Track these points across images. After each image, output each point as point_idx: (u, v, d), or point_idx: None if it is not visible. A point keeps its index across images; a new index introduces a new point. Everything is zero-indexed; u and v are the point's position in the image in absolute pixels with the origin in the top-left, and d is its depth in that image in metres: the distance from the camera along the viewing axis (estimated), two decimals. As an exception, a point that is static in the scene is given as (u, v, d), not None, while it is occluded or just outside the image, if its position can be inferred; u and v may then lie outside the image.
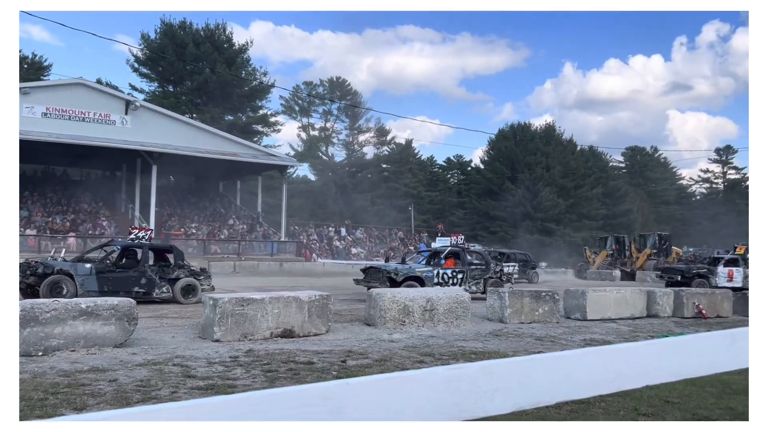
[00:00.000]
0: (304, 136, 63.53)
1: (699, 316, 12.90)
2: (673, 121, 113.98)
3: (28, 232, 27.59)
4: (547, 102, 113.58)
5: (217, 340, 8.10)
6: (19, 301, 7.46)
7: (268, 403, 1.47)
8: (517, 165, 54.93)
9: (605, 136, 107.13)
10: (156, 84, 49.71)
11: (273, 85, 52.69)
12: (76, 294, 12.06)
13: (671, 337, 2.30)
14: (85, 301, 7.40)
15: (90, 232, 29.50)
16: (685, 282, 20.59)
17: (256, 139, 47.55)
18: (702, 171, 79.36)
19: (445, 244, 21.44)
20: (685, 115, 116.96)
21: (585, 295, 11.96)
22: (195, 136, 33.33)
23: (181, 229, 32.26)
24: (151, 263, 13.96)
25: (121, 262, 13.72)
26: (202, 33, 48.60)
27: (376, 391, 1.58)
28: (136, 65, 49.09)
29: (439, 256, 17.12)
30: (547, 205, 53.77)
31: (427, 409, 1.63)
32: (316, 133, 64.19)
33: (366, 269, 16.52)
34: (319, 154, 61.99)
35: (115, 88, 38.16)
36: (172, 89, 48.47)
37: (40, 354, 6.80)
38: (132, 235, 14.20)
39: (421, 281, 15.21)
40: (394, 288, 12.78)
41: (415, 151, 68.95)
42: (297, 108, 63.13)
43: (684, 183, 78.24)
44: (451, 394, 1.68)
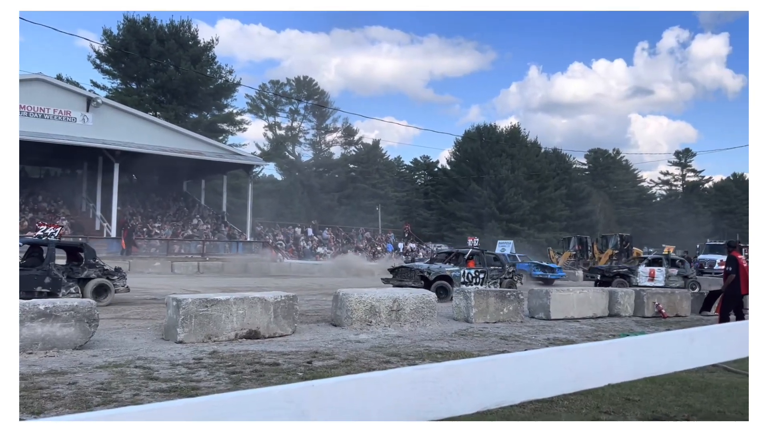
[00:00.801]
0: (270, 135, 63.08)
1: (659, 315, 13.21)
2: (634, 124, 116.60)
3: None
4: (513, 104, 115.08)
5: (180, 342, 7.97)
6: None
7: (232, 405, 1.45)
8: (482, 166, 55.51)
9: (569, 138, 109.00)
10: (119, 81, 48.73)
11: (239, 84, 52.22)
12: None
13: (632, 336, 2.34)
14: (43, 302, 7.21)
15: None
16: (605, 281, 21.15)
17: (221, 137, 47.00)
18: (662, 173, 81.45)
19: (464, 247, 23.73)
20: (646, 119, 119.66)
21: (549, 295, 12.14)
22: (159, 134, 32.78)
23: (144, 228, 31.68)
24: (59, 262, 13.23)
25: (24, 260, 12.87)
26: (166, 30, 47.82)
27: (342, 392, 1.58)
28: (99, 62, 48.03)
29: (460, 257, 18.52)
30: (511, 206, 54.48)
31: (393, 409, 1.63)
32: (282, 132, 63.78)
33: (395, 269, 17.75)
34: (286, 154, 61.60)
35: (77, 85, 37.26)
36: (135, 86, 47.59)
37: (-4, 357, 6.59)
38: (39, 232, 13.55)
39: (450, 280, 16.42)
40: (421, 287, 13.38)
41: (383, 151, 69.07)
42: (263, 107, 62.65)
43: (645, 185, 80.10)
44: (417, 394, 1.68)
